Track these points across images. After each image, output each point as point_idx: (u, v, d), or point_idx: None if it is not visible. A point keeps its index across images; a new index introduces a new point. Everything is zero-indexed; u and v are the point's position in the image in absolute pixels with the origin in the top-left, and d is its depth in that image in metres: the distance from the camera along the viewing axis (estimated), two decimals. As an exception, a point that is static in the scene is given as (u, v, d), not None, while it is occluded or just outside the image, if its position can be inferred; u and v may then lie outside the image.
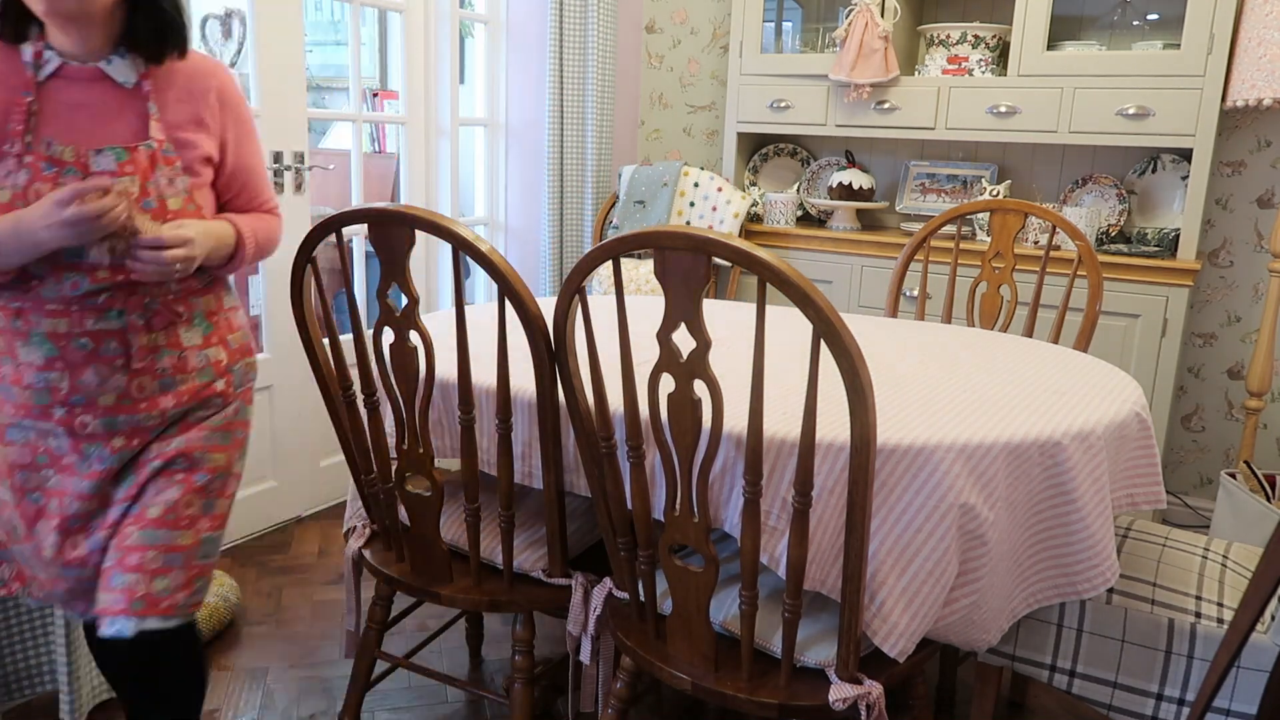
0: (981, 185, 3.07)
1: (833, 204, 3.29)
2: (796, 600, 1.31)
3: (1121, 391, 1.61)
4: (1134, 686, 1.52)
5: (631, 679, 1.55)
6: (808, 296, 1.14)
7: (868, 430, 1.18)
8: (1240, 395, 3.05)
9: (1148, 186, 3.02)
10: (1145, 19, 2.98)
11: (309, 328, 1.59)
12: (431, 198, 3.30)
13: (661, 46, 3.82)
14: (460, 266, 1.42)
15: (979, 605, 1.37)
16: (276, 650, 2.26)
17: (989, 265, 2.37)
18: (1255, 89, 2.45)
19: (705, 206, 3.26)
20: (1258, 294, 2.98)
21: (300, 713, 2.03)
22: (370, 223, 1.41)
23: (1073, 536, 1.41)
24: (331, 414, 1.66)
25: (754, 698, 1.35)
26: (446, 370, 1.67)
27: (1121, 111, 2.75)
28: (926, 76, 3.06)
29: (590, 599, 1.60)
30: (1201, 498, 3.15)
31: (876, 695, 1.33)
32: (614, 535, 1.46)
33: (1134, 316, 2.76)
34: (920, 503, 1.31)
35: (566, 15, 3.28)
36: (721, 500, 1.41)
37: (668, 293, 1.21)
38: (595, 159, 3.46)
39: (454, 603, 1.65)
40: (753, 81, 3.30)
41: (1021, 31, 2.85)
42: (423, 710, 2.05)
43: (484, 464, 1.62)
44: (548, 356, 1.42)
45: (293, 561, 2.71)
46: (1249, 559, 1.72)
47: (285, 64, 2.71)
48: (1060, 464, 1.37)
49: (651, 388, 1.29)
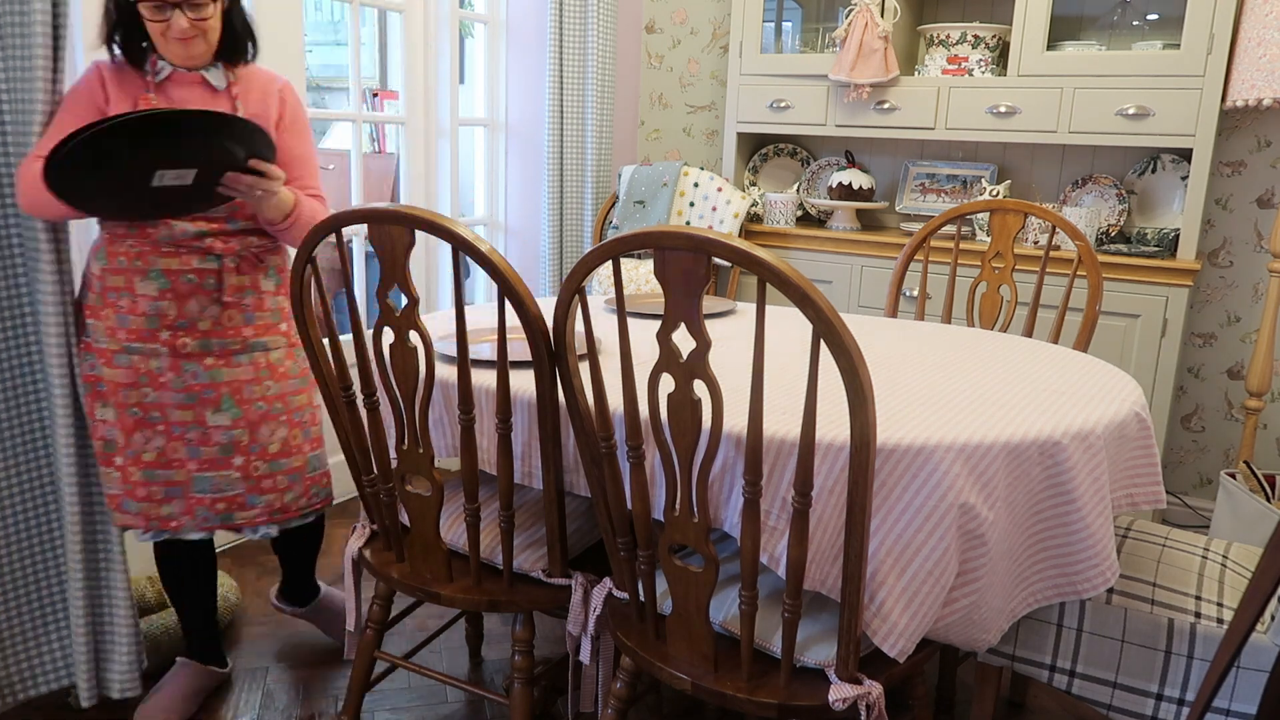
0: (981, 185, 3.07)
1: (833, 204, 3.29)
2: (796, 600, 1.31)
3: (1121, 391, 1.61)
4: (1134, 686, 1.52)
5: (631, 679, 1.55)
6: (807, 296, 1.14)
7: (868, 430, 1.18)
8: (1240, 395, 3.05)
9: (1147, 186, 3.02)
10: (1145, 19, 2.98)
11: (309, 328, 1.59)
12: (431, 198, 3.30)
13: (661, 46, 3.82)
14: (460, 266, 1.42)
15: (979, 605, 1.37)
16: (276, 650, 2.26)
17: (989, 265, 2.37)
18: (1255, 89, 2.45)
19: (705, 206, 3.26)
20: (1258, 294, 2.98)
21: (300, 713, 2.03)
22: (370, 223, 1.41)
23: (1073, 536, 1.41)
24: (331, 414, 1.66)
25: (754, 698, 1.35)
26: (446, 370, 1.67)
27: (1121, 111, 2.75)
28: (926, 76, 3.06)
29: (590, 599, 1.60)
30: (1201, 498, 3.15)
31: (876, 695, 1.33)
32: (614, 535, 1.46)
33: (1134, 316, 2.76)
34: (920, 503, 1.31)
35: (566, 15, 3.28)
36: (721, 500, 1.41)
37: (667, 293, 1.21)
38: (595, 159, 3.46)
39: (454, 603, 1.65)
40: (753, 81, 3.30)
41: (1021, 31, 2.85)
42: (423, 710, 2.05)
43: (484, 464, 1.62)
44: (548, 357, 1.42)
45: (293, 561, 2.71)
46: (1249, 559, 1.72)
47: (285, 64, 2.71)
48: (1060, 464, 1.37)
49: (651, 388, 1.29)
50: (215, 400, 1.82)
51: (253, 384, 1.84)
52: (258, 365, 1.85)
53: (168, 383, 1.79)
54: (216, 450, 1.84)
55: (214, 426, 1.82)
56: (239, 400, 1.83)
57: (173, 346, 1.78)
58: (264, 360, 1.86)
